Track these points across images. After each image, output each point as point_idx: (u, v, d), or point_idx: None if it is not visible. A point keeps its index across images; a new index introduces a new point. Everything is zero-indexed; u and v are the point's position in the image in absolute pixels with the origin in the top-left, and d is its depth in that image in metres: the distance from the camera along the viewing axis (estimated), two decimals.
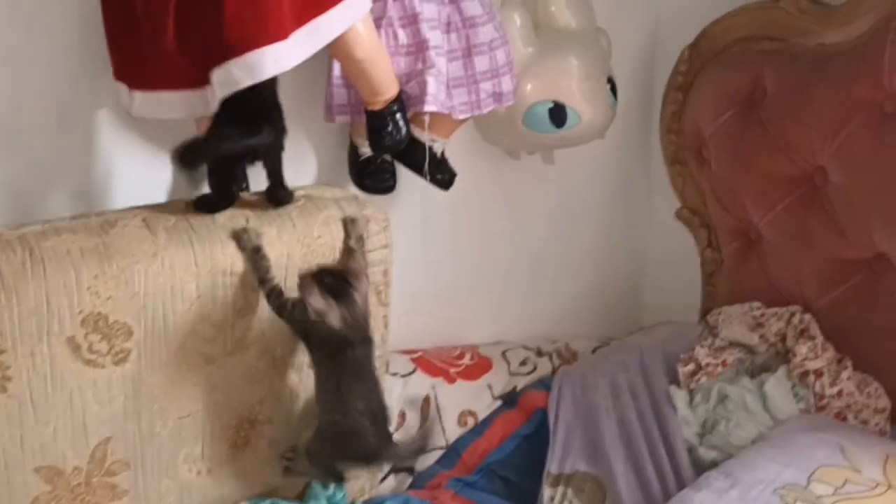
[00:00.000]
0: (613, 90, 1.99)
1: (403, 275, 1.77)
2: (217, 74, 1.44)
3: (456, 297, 2.12)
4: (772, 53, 1.97)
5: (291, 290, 1.51)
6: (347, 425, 1.50)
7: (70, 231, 1.46)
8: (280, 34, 1.42)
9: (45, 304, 1.39)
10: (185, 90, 1.51)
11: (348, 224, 1.58)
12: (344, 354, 1.48)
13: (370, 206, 1.67)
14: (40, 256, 1.40)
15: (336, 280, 1.47)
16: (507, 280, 2.20)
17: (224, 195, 1.54)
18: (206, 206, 1.53)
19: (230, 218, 1.54)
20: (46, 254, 1.41)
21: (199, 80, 1.48)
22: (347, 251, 1.56)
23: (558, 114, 1.90)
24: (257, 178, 1.62)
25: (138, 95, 1.54)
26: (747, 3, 2.00)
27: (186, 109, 1.53)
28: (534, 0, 1.96)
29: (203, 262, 1.49)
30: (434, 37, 1.68)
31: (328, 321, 1.45)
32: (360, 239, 1.58)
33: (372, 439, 1.50)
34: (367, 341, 1.51)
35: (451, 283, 2.11)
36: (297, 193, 1.63)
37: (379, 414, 1.52)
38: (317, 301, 1.44)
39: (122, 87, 1.56)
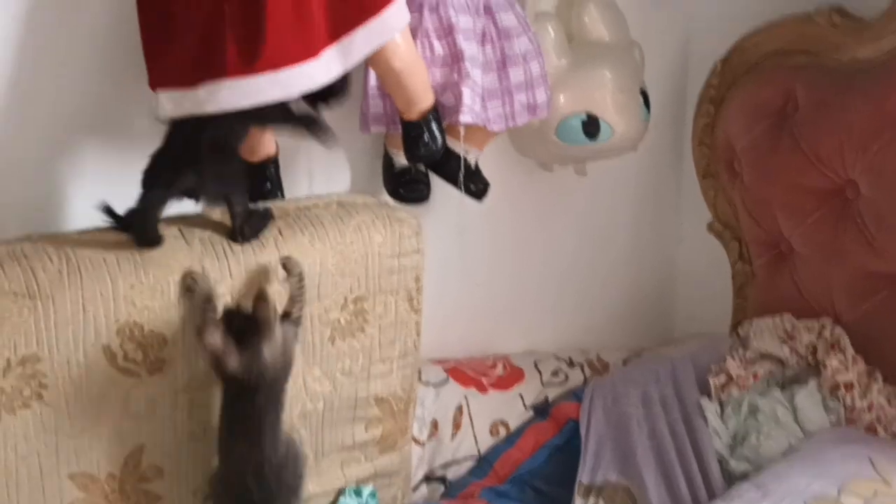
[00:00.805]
0: (646, 103, 2.00)
1: (437, 284, 1.78)
2: (246, 84, 1.46)
3: (488, 306, 2.13)
4: (804, 67, 1.97)
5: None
6: (228, 474, 1.46)
7: (106, 241, 1.47)
8: (311, 51, 1.43)
9: (82, 313, 1.41)
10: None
11: (286, 264, 1.52)
12: (240, 401, 1.44)
13: (402, 212, 1.69)
14: (77, 265, 1.42)
15: (249, 325, 1.43)
16: (539, 290, 2.21)
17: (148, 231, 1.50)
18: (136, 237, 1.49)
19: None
20: (83, 262, 1.42)
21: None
22: (259, 298, 1.47)
23: (591, 126, 1.91)
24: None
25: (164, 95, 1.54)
26: (779, 18, 2.01)
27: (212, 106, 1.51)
28: (567, 12, 1.97)
29: (237, 273, 1.51)
30: (469, 48, 1.69)
31: (224, 362, 1.42)
32: (300, 279, 1.52)
33: (255, 494, 1.44)
34: (273, 394, 1.45)
35: (483, 292, 2.12)
36: (330, 199, 1.65)
37: (270, 469, 1.45)
38: (212, 337, 1.41)
39: (157, 94, 1.57)
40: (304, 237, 1.57)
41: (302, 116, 1.51)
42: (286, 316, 1.49)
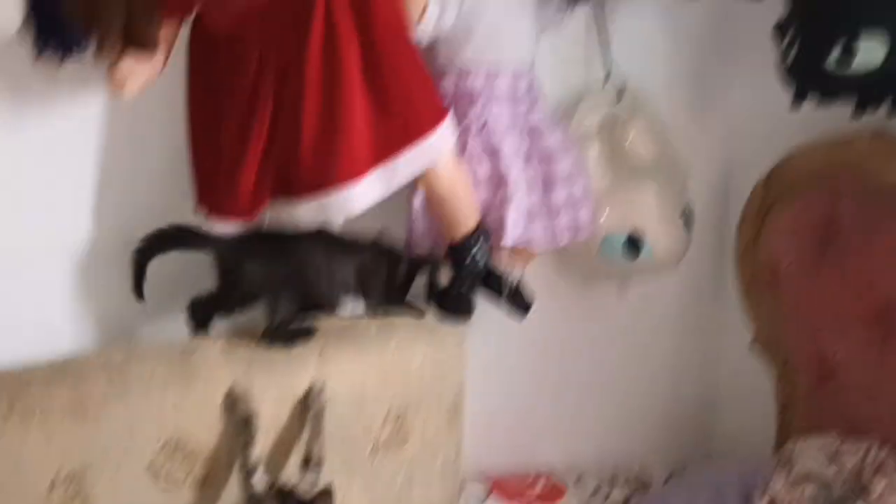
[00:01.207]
0: (688, 221, 2.00)
1: (479, 397, 1.78)
2: (285, 210, 1.49)
3: (530, 419, 2.12)
4: (846, 188, 1.97)
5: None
6: None
7: (152, 358, 1.49)
8: (354, 173, 1.45)
9: (128, 432, 1.42)
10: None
11: (310, 394, 1.54)
12: None
13: (444, 329, 1.69)
14: (124, 383, 1.43)
15: None
16: (581, 404, 2.19)
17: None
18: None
19: (304, 346, 1.57)
20: (130, 381, 1.44)
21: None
22: (324, 493, 1.48)
23: (634, 244, 1.91)
24: None
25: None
26: (820, 139, 2.02)
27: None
28: (611, 131, 1.99)
29: (281, 391, 1.52)
30: (514, 170, 1.71)
31: None
32: (320, 413, 1.53)
33: None
34: None
35: (525, 405, 2.11)
36: (371, 319, 1.66)
37: None
38: None
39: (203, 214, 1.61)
40: (346, 355, 1.58)
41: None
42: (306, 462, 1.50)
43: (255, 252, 1.56)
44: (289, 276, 1.58)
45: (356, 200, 1.47)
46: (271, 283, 1.57)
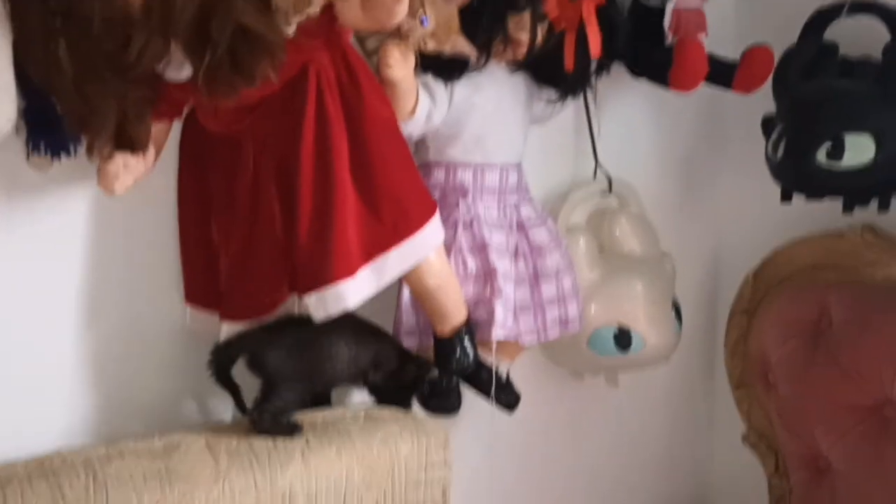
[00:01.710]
0: (678, 314, 2.00)
1: (464, 496, 1.75)
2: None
3: None
4: (837, 283, 1.98)
5: None
6: None
7: (133, 454, 1.46)
8: (345, 270, 1.45)
9: None
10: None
11: None
12: None
13: (430, 423, 1.67)
14: (104, 481, 1.40)
15: None
16: (569, 497, 2.16)
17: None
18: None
19: (290, 439, 1.54)
20: (110, 478, 1.40)
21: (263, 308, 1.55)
22: None
23: (623, 338, 1.90)
24: None
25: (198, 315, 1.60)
26: (811, 233, 2.03)
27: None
28: (599, 225, 2.00)
29: (263, 486, 1.48)
30: (502, 264, 1.70)
31: None
32: None
33: None
34: None
35: (513, 498, 2.08)
36: (358, 411, 1.65)
37: None
38: None
39: (190, 309, 1.61)
40: (330, 449, 1.55)
41: None
42: None
43: (279, 339, 1.56)
44: (310, 365, 1.57)
45: (346, 297, 1.46)
46: (293, 372, 1.56)
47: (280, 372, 1.55)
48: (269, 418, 1.55)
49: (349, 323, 1.59)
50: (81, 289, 1.52)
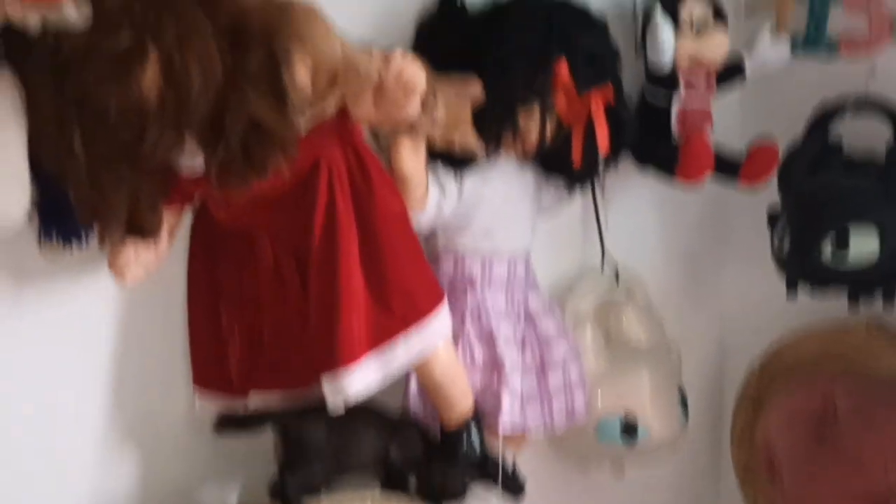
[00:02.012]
0: (684, 404, 1.99)
1: None
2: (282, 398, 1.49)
3: None
4: (843, 374, 1.97)
5: None
6: None
7: None
8: (351, 359, 1.45)
9: None
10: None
11: None
12: None
13: None
14: None
15: None
16: None
17: None
18: None
19: None
20: None
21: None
22: None
23: (629, 428, 1.90)
24: None
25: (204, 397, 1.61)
26: (816, 324, 2.03)
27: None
28: (605, 314, 2.00)
29: None
30: (510, 355, 1.71)
31: None
32: None
33: None
34: None
35: None
36: (365, 496, 1.63)
37: None
38: None
39: (197, 391, 1.61)
40: None
41: None
42: None
43: (318, 414, 1.56)
44: (342, 444, 1.58)
45: (351, 384, 1.46)
46: (326, 448, 1.57)
47: (314, 444, 1.55)
48: (296, 488, 1.54)
49: (379, 412, 1.60)
50: (92, 377, 1.53)
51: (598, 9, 1.77)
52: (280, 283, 1.50)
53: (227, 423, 1.58)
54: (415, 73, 1.36)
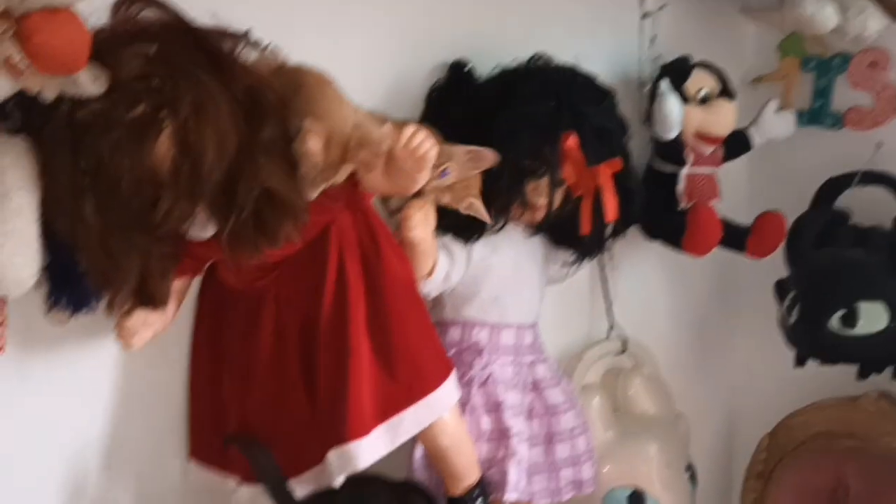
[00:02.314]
0: (693, 477, 1.98)
1: None
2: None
3: None
4: (854, 451, 1.95)
5: None
6: None
7: None
8: (360, 430, 1.44)
9: None
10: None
11: None
12: None
13: None
14: None
15: None
16: None
17: None
18: None
19: None
20: None
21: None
22: None
23: (637, 501, 1.88)
24: None
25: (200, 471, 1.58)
26: (826, 397, 2.02)
27: None
28: (613, 384, 1.99)
29: None
30: (517, 424, 1.69)
31: None
32: None
33: None
34: None
35: None
36: None
37: None
38: None
39: (193, 465, 1.59)
40: None
41: None
42: None
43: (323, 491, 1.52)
44: None
45: (360, 456, 1.44)
46: None
47: None
48: None
49: (386, 479, 1.58)
50: (95, 442, 1.51)
51: (606, 79, 1.80)
52: (280, 354, 1.48)
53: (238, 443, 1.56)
54: (426, 145, 1.37)
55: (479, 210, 1.58)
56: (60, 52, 1.14)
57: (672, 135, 1.86)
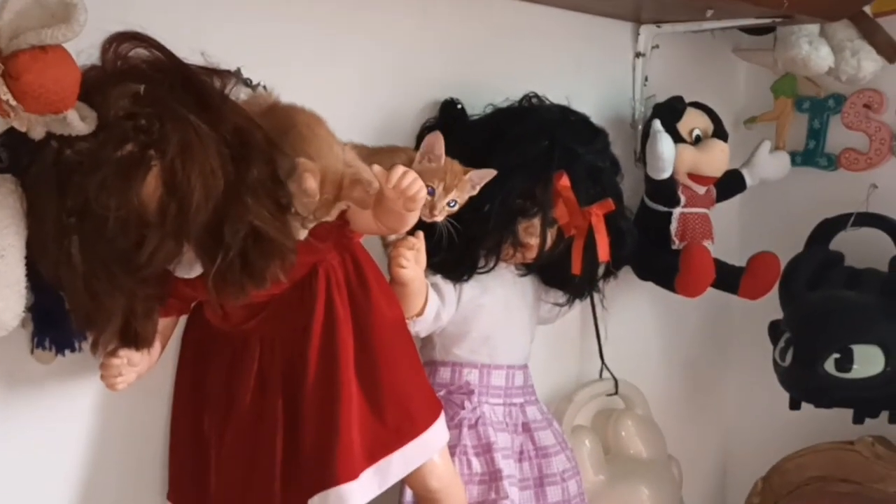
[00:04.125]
0: None
1: None
2: None
3: None
4: (848, 496, 1.94)
5: None
6: None
7: None
8: (349, 473, 1.41)
9: None
10: None
11: None
12: None
13: None
14: None
15: None
16: None
17: None
18: None
19: None
20: None
21: None
22: None
23: None
24: None
25: None
26: (821, 441, 2.00)
27: None
28: (604, 426, 1.98)
29: None
30: (507, 467, 1.67)
31: None
32: None
33: None
34: None
35: None
36: None
37: None
38: None
39: None
40: None
41: None
42: None
43: None
44: None
45: (349, 500, 1.42)
46: None
47: None
48: None
49: None
50: (79, 482, 1.49)
51: (598, 118, 1.79)
52: (263, 396, 1.45)
53: None
54: (416, 186, 1.36)
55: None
56: (49, 91, 1.13)
57: (665, 175, 1.86)
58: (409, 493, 1.66)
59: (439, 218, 1.53)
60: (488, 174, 1.54)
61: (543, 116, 1.70)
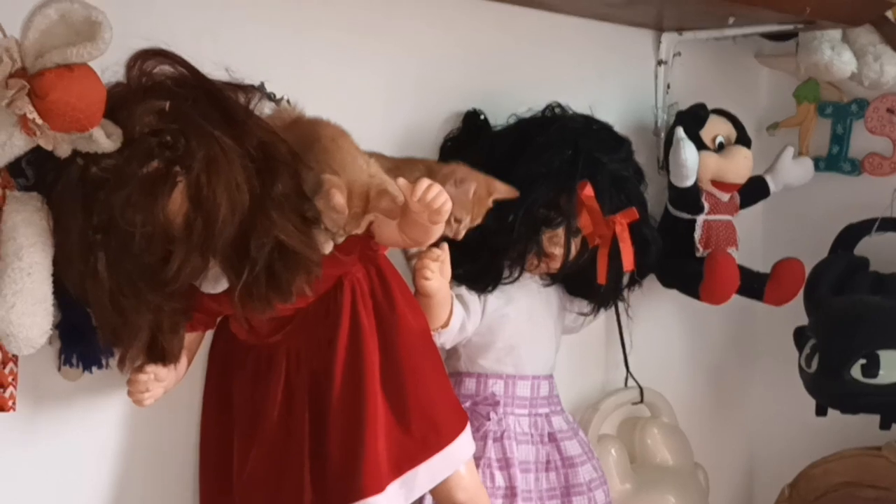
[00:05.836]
0: None
1: None
2: None
3: None
4: (875, 501, 1.93)
5: None
6: None
7: None
8: (377, 487, 1.41)
9: None
10: None
11: None
12: None
13: None
14: None
15: None
16: None
17: None
18: None
19: None
20: None
21: None
22: None
23: None
24: None
25: None
26: (847, 449, 1.99)
27: None
28: (630, 435, 1.97)
29: None
30: (532, 479, 1.67)
31: None
32: None
33: None
34: None
35: None
36: None
37: None
38: None
39: None
40: None
41: None
42: None
43: None
44: None
45: None
46: None
47: None
48: None
49: None
50: (107, 499, 1.49)
51: (621, 127, 1.79)
52: (290, 409, 1.44)
53: None
54: (441, 199, 1.35)
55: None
56: (75, 109, 1.13)
57: (688, 182, 1.85)
58: (429, 500, 1.66)
59: (460, 237, 1.53)
60: (511, 194, 1.54)
61: (567, 126, 1.70)
